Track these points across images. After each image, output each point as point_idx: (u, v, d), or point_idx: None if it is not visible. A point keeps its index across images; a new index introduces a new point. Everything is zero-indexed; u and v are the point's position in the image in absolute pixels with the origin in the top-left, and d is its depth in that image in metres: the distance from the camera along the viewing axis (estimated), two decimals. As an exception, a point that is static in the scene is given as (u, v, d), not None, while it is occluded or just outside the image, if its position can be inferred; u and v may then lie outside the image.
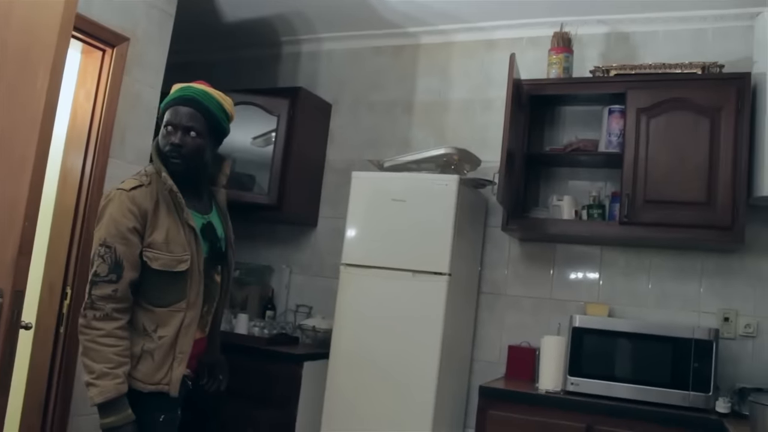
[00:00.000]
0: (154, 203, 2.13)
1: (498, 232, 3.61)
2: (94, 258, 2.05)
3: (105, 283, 2.03)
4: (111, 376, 1.97)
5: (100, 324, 2.01)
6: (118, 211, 2.08)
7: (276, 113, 3.98)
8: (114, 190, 2.14)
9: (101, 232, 2.08)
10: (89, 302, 2.02)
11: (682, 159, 3.11)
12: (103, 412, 1.98)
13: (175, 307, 2.14)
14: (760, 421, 2.30)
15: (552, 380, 3.13)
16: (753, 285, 3.29)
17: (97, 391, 1.97)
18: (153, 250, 2.10)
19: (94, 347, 1.99)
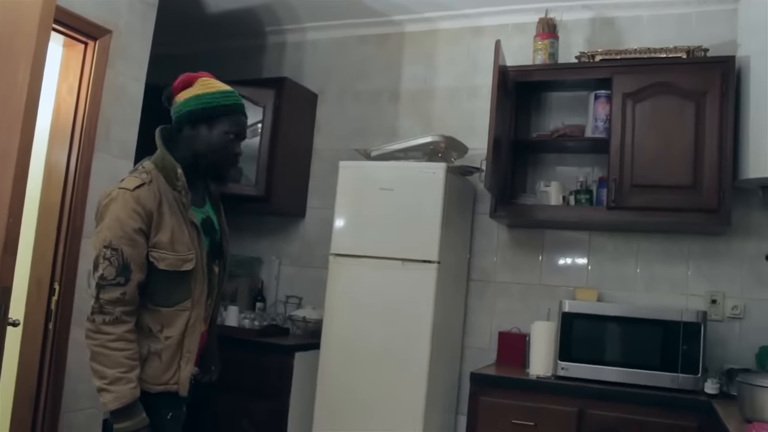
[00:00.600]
0: (157, 203, 2.05)
1: (486, 219, 3.62)
2: (99, 260, 1.97)
3: (113, 286, 1.96)
4: (124, 381, 1.93)
5: (110, 328, 1.95)
6: (123, 211, 2.00)
7: (262, 104, 3.96)
8: (116, 189, 2.04)
9: (105, 233, 1.98)
10: (97, 306, 1.95)
11: (668, 143, 3.12)
12: (117, 417, 1.93)
13: (181, 306, 2.09)
14: (748, 400, 2.33)
15: (542, 365, 3.15)
16: (739, 267, 3.32)
17: (111, 396, 1.91)
18: (159, 251, 2.04)
19: (105, 352, 1.93)
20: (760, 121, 3.01)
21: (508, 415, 2.99)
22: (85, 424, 3.02)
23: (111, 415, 1.93)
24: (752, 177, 3.04)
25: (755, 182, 3.12)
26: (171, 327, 2.07)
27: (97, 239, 2.00)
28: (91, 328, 1.95)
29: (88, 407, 3.01)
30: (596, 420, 2.88)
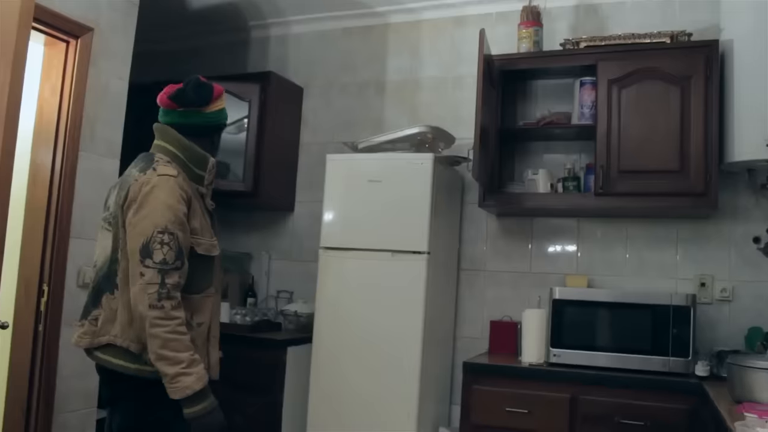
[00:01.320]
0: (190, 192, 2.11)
1: (475, 208, 3.62)
2: (154, 245, 1.95)
3: (174, 270, 1.97)
4: (197, 362, 1.96)
5: (177, 312, 1.96)
6: (171, 197, 2.02)
7: (247, 99, 3.95)
8: (154, 176, 2.05)
9: (157, 218, 1.98)
10: (164, 292, 1.94)
11: (654, 128, 3.13)
12: (196, 399, 1.94)
13: (207, 292, 2.15)
14: (738, 381, 2.34)
15: (535, 353, 3.16)
16: (727, 249, 3.34)
17: (193, 378, 1.93)
18: (195, 236, 2.09)
19: (176, 337, 1.93)
20: (744, 104, 3.02)
21: (501, 403, 3.00)
22: (78, 425, 3.01)
23: (187, 401, 1.92)
24: (738, 160, 3.05)
25: (741, 165, 3.13)
26: (200, 313, 2.11)
27: (144, 224, 1.98)
28: (160, 315, 1.92)
29: (81, 408, 3.00)
30: (589, 405, 2.89)
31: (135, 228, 2.00)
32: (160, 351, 1.92)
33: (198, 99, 2.17)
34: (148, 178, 2.05)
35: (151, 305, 1.93)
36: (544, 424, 2.94)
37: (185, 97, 2.16)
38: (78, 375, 2.96)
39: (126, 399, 2.08)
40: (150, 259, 1.95)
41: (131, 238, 2.00)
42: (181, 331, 1.95)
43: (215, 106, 2.21)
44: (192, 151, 2.17)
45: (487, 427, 3.03)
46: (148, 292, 1.93)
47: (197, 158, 2.17)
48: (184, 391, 1.91)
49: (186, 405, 1.93)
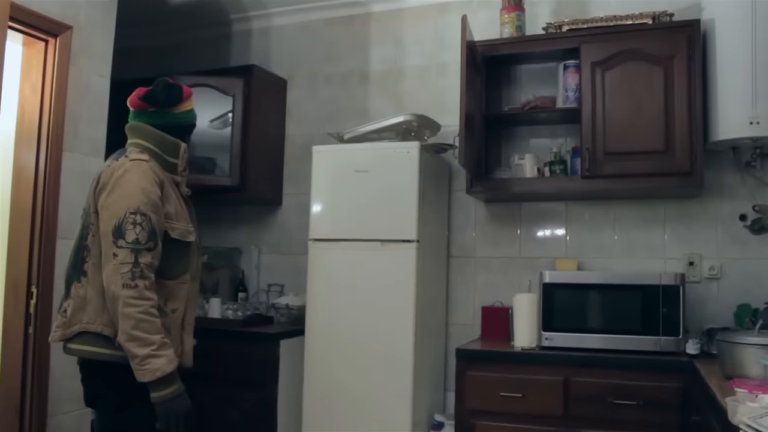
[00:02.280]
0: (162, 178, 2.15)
1: (463, 195, 3.62)
2: (126, 225, 1.97)
3: (147, 251, 1.99)
4: (167, 346, 1.97)
5: (150, 294, 1.97)
6: (145, 180, 2.05)
7: (231, 93, 3.92)
8: (126, 161, 2.09)
9: (129, 200, 2.01)
10: (138, 271, 1.95)
11: (638, 109, 3.14)
12: (163, 383, 1.94)
13: (182, 279, 2.16)
14: (728, 357, 2.36)
15: (527, 337, 3.17)
16: (714, 228, 3.36)
17: (164, 361, 1.94)
18: (169, 221, 2.11)
19: (148, 318, 1.94)
20: (727, 83, 3.04)
21: (495, 388, 3.01)
22: (73, 426, 3.00)
23: (155, 384, 1.93)
24: (722, 138, 3.07)
25: (725, 144, 3.15)
26: (174, 300, 2.11)
27: (117, 206, 2.01)
28: (133, 295, 1.93)
29: (75, 409, 2.99)
30: (582, 387, 2.91)
31: (107, 210, 2.02)
32: (132, 331, 1.91)
33: (167, 99, 2.23)
34: (120, 164, 2.09)
35: (125, 284, 1.93)
36: (538, 406, 2.95)
37: (155, 97, 2.21)
38: (71, 376, 2.94)
39: (104, 396, 2.08)
40: (122, 240, 1.96)
41: (104, 221, 2.02)
42: (154, 313, 1.96)
43: (184, 106, 2.28)
44: (163, 139, 2.20)
45: (482, 412, 3.04)
46: (122, 271, 1.94)
47: (169, 146, 2.21)
48: (154, 373, 1.91)
49: (154, 388, 1.94)
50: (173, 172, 2.22)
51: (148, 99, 2.22)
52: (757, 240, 3.29)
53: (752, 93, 2.96)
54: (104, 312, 2.01)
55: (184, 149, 2.25)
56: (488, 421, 3.02)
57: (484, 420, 3.03)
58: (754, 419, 1.37)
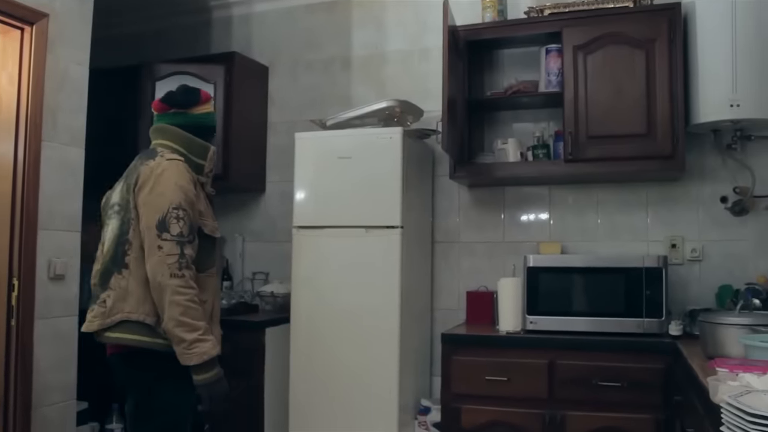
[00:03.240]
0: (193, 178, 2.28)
1: (446, 180, 3.62)
2: (170, 219, 2.11)
3: (188, 243, 2.14)
4: (210, 331, 2.12)
5: (194, 283, 2.12)
6: (182, 179, 2.20)
7: (212, 81, 3.89)
8: (163, 161, 2.22)
9: (171, 196, 2.14)
10: (184, 262, 2.09)
11: (620, 93, 3.15)
12: (207, 367, 2.09)
13: (209, 272, 2.30)
14: (710, 338, 2.39)
15: (511, 321, 3.18)
16: (696, 210, 3.39)
17: (210, 345, 2.09)
18: (201, 218, 2.26)
19: (194, 306, 2.08)
20: (707, 66, 3.05)
21: (481, 372, 3.03)
22: (58, 418, 2.99)
23: (200, 368, 2.07)
24: (703, 121, 3.09)
25: (706, 126, 3.17)
26: (204, 291, 2.23)
27: (159, 201, 2.14)
28: (181, 284, 2.07)
29: (60, 401, 2.98)
30: (567, 369, 2.93)
31: (150, 206, 2.15)
32: (181, 318, 2.05)
33: (186, 101, 2.37)
34: (158, 163, 2.22)
35: (173, 274, 2.07)
36: (523, 390, 2.97)
37: (174, 98, 2.37)
38: (55, 368, 2.94)
39: (139, 381, 2.21)
40: (167, 233, 2.10)
41: (146, 216, 2.15)
42: (197, 300, 2.11)
43: (203, 108, 2.41)
44: (192, 142, 2.34)
45: (468, 396, 3.05)
46: (168, 262, 2.08)
47: (197, 148, 2.34)
48: (201, 357, 2.06)
49: (198, 372, 2.08)
50: (199, 173, 2.34)
51: (167, 100, 2.37)
52: (737, 222, 3.33)
53: (732, 76, 2.98)
54: (146, 302, 2.13)
55: (213, 152, 2.40)
56: (474, 404, 3.04)
57: (469, 404, 3.05)
58: (735, 397, 1.38)
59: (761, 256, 3.27)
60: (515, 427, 2.98)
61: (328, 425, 3.31)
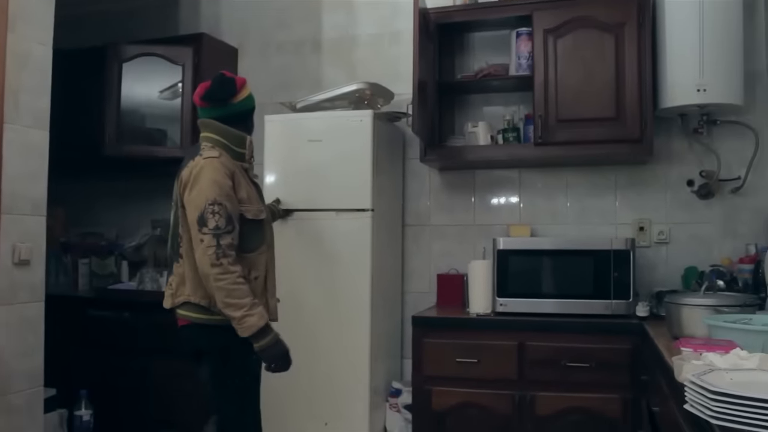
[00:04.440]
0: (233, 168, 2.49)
1: (417, 163, 3.62)
2: (207, 215, 2.35)
3: (227, 233, 2.37)
4: (257, 305, 2.38)
5: (234, 267, 2.36)
6: (217, 174, 2.41)
7: (180, 62, 3.84)
8: (201, 160, 2.44)
9: (207, 193, 2.37)
10: (221, 252, 2.33)
11: (590, 77, 3.17)
12: (262, 335, 2.37)
13: (259, 250, 2.56)
14: (675, 319, 2.43)
15: (482, 303, 3.20)
16: (663, 193, 3.43)
17: (256, 318, 2.35)
18: (243, 205, 2.48)
19: (237, 287, 2.34)
20: (675, 51, 3.08)
21: (451, 354, 3.05)
22: (25, 405, 2.93)
23: (254, 337, 2.35)
24: (671, 106, 3.13)
25: (674, 111, 3.21)
26: (255, 268, 2.53)
27: (198, 199, 2.39)
28: (220, 271, 2.33)
29: (27, 388, 2.92)
30: (536, 351, 2.97)
31: (191, 204, 2.41)
32: (226, 299, 2.33)
33: (225, 94, 2.56)
34: (196, 163, 2.45)
35: (212, 264, 2.33)
36: (493, 371, 3.00)
37: (214, 94, 2.55)
38: (20, 355, 2.88)
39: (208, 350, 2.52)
40: (206, 227, 2.35)
41: (189, 212, 2.42)
42: (240, 281, 2.36)
43: (242, 95, 2.59)
44: (230, 133, 2.55)
45: (439, 378, 3.08)
46: (208, 253, 2.34)
47: (236, 139, 2.55)
48: (251, 329, 2.34)
49: (255, 340, 2.37)
50: (242, 160, 2.57)
51: (208, 97, 2.55)
52: (703, 205, 3.38)
53: (699, 61, 3.01)
54: (200, 287, 2.43)
55: (250, 141, 2.60)
56: (445, 386, 3.06)
57: (440, 386, 3.07)
58: (698, 376, 1.40)
59: (726, 239, 3.33)
60: (485, 409, 3.01)
61: (299, 407, 3.31)
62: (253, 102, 2.68)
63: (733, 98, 3.07)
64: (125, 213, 4.35)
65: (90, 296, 3.93)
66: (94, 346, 3.67)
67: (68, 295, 3.90)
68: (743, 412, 1.24)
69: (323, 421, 3.28)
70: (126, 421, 3.51)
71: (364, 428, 3.25)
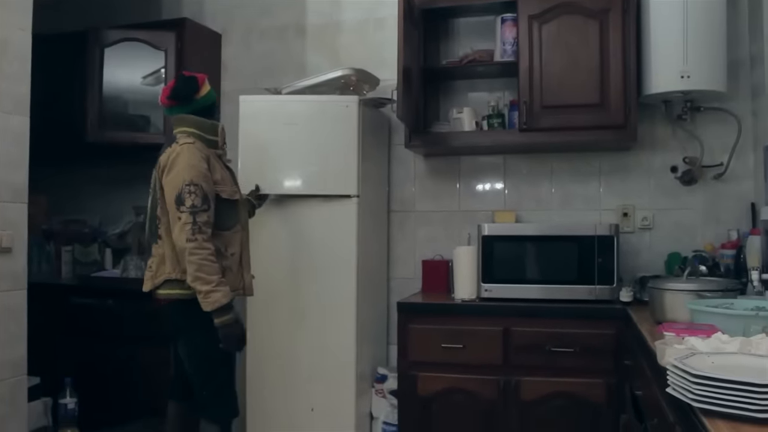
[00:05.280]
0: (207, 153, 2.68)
1: (402, 149, 3.61)
2: (183, 195, 2.52)
3: (203, 212, 2.54)
4: (224, 283, 2.55)
5: (208, 244, 2.53)
6: (194, 158, 2.60)
7: (163, 48, 3.79)
8: (177, 146, 2.63)
9: (183, 175, 2.55)
10: (197, 228, 2.50)
11: (574, 63, 3.17)
12: (223, 311, 2.52)
13: (235, 229, 2.75)
14: (658, 303, 2.45)
15: (467, 289, 3.22)
16: (647, 179, 3.45)
17: (221, 294, 2.51)
18: (218, 186, 2.67)
19: (207, 263, 2.51)
20: (659, 37, 3.09)
21: (437, 340, 3.06)
22: (9, 394, 2.91)
23: (216, 312, 2.50)
24: (655, 92, 3.13)
25: (658, 97, 3.22)
26: (232, 246, 2.72)
27: (175, 181, 2.56)
28: (195, 246, 2.50)
29: (10, 377, 2.90)
30: (521, 336, 2.98)
31: (169, 185, 2.59)
32: (196, 273, 2.49)
33: (189, 90, 2.76)
34: (173, 149, 2.64)
35: (188, 239, 2.50)
36: (478, 356, 3.02)
37: (179, 92, 2.75)
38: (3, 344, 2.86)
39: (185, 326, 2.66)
40: (183, 206, 2.53)
41: (168, 193, 2.59)
42: (212, 259, 2.53)
43: (204, 90, 2.80)
44: (202, 123, 2.75)
45: (424, 363, 3.09)
46: (185, 229, 2.51)
47: (208, 127, 2.77)
48: (213, 304, 2.49)
49: (216, 316, 2.51)
50: (215, 147, 2.78)
51: (175, 96, 2.75)
52: (686, 191, 3.40)
53: (683, 47, 3.02)
54: (178, 264, 2.59)
55: (222, 128, 2.82)
56: (430, 372, 3.08)
57: (426, 371, 3.09)
58: (680, 360, 1.42)
59: (708, 225, 3.35)
60: (471, 394, 3.03)
61: (284, 393, 3.32)
62: (215, 96, 2.90)
63: (716, 85, 3.08)
64: (109, 200, 4.32)
65: (73, 284, 3.90)
66: (79, 334, 3.65)
67: (51, 283, 3.87)
68: (724, 395, 1.25)
69: (309, 407, 3.29)
70: (111, 408, 3.50)
71: (350, 414, 3.26)
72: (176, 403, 2.85)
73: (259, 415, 3.38)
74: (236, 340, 2.62)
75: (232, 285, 2.66)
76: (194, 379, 2.69)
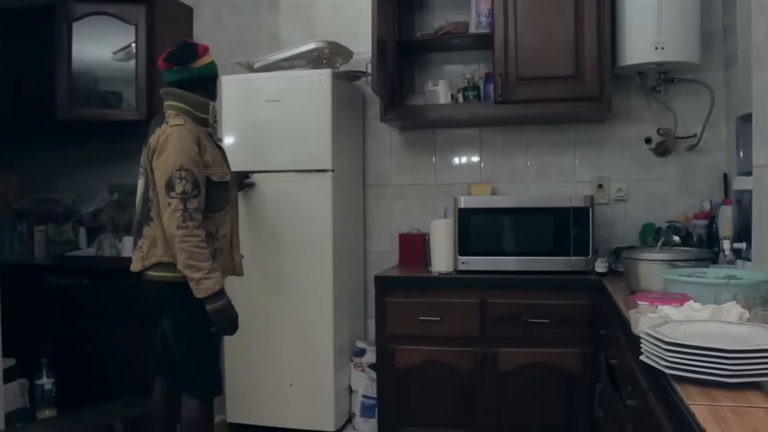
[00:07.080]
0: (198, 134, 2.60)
1: (377, 123, 3.59)
2: (174, 180, 2.46)
3: (193, 198, 2.49)
4: (216, 270, 2.52)
5: (198, 231, 2.49)
6: (183, 141, 2.52)
7: (133, 22, 3.71)
8: (167, 127, 2.54)
9: (173, 160, 2.48)
10: (187, 215, 2.46)
11: (549, 35, 3.16)
12: (215, 298, 2.50)
13: (225, 210, 2.70)
14: (632, 273, 2.48)
15: (444, 262, 3.23)
16: (622, 151, 3.47)
17: (213, 281, 2.48)
18: (208, 168, 2.60)
19: (198, 250, 2.47)
20: (634, 8, 3.08)
21: (414, 313, 3.08)
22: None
23: (208, 299, 2.49)
24: (629, 63, 3.14)
25: (632, 69, 3.23)
26: (223, 226, 2.69)
27: (165, 165, 2.49)
28: (185, 233, 2.46)
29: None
30: (498, 308, 3.01)
31: (159, 169, 2.52)
32: (187, 261, 2.46)
33: (186, 57, 2.67)
34: (163, 130, 2.55)
35: (179, 226, 2.45)
36: (456, 328, 3.04)
37: (175, 56, 2.67)
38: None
39: (173, 307, 2.62)
40: (173, 192, 2.47)
41: (157, 178, 2.53)
42: (203, 245, 2.49)
43: (202, 61, 2.71)
44: (192, 100, 2.65)
45: (402, 336, 3.11)
46: (175, 216, 2.46)
47: (199, 105, 2.66)
48: (206, 291, 2.47)
49: (208, 302, 2.50)
50: (205, 126, 2.68)
51: (170, 59, 2.67)
52: (660, 162, 3.43)
53: (657, 18, 3.02)
54: (170, 248, 2.54)
55: (213, 106, 2.72)
56: (408, 345, 3.10)
57: (404, 344, 3.11)
58: (654, 328, 1.44)
59: (682, 195, 3.39)
60: (448, 366, 3.05)
61: (263, 369, 3.33)
62: (215, 69, 2.78)
63: (690, 56, 3.09)
64: (82, 178, 4.25)
65: (48, 264, 3.85)
66: (54, 315, 3.61)
67: (24, 263, 3.82)
68: (695, 361, 1.27)
69: (288, 381, 3.30)
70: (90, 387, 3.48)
71: (329, 388, 3.28)
72: (162, 378, 2.83)
73: (238, 391, 3.39)
74: (229, 324, 2.61)
75: (223, 266, 2.65)
76: (179, 355, 2.67)
